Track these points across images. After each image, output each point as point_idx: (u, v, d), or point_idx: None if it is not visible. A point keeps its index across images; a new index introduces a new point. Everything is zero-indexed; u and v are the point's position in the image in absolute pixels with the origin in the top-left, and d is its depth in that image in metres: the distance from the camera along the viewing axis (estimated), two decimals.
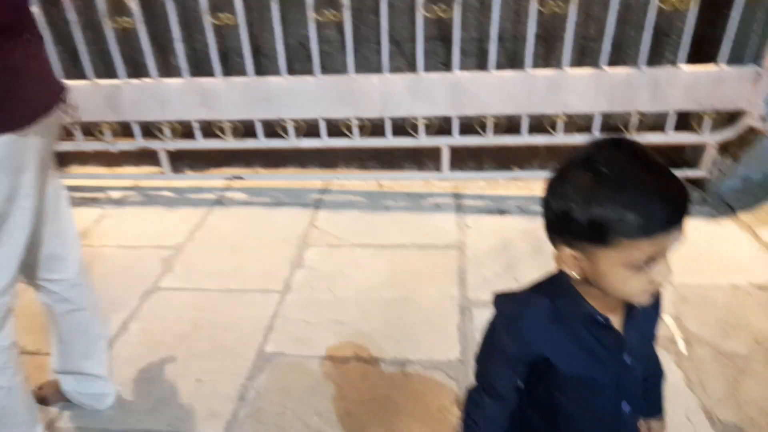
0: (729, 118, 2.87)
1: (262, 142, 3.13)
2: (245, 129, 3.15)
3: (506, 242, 2.73)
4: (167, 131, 3.18)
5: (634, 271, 0.80)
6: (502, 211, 3.06)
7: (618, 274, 0.82)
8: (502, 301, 0.98)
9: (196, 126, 3.12)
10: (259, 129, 3.09)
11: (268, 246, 2.85)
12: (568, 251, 0.85)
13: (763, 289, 2.37)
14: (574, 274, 0.87)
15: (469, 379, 1.82)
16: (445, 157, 3.13)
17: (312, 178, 3.42)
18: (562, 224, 0.83)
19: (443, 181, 3.37)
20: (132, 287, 2.58)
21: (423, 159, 3.45)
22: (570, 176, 0.82)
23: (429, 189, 3.33)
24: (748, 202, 2.94)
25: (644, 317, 0.96)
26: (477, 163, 3.43)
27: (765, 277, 2.44)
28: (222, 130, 3.13)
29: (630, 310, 0.93)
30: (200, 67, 3.07)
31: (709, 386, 1.93)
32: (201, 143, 3.17)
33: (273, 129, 3.11)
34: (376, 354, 2.16)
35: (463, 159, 3.39)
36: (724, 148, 2.97)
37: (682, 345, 2.10)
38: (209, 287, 2.57)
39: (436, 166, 3.28)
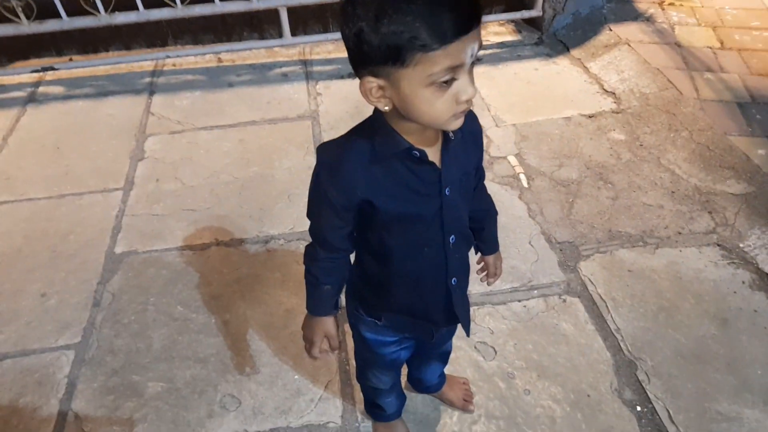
0: None
1: (66, 23, 2.68)
2: (42, 8, 2.66)
3: (360, 105, 2.67)
4: None
5: (437, 90, 0.78)
6: (352, 74, 2.96)
7: (423, 95, 0.79)
8: (322, 150, 0.93)
9: None
10: (60, 6, 2.63)
11: (100, 142, 2.56)
12: (372, 81, 0.80)
13: (592, 118, 2.56)
14: (382, 106, 0.83)
15: None
16: (285, 21, 2.90)
17: (140, 60, 3.04)
18: (359, 50, 0.78)
19: (288, 48, 3.17)
20: None
21: (263, 26, 3.18)
22: None
23: (274, 58, 3.12)
24: (578, 37, 3.09)
25: (463, 150, 0.96)
26: (322, 25, 3.24)
27: (593, 108, 2.63)
28: (13, 12, 2.62)
29: (446, 143, 0.92)
30: None
31: (547, 212, 2.11)
32: None
33: (78, 5, 2.66)
34: (237, 235, 2.10)
35: (307, 21, 3.18)
36: None
37: (523, 179, 2.25)
38: (37, 196, 2.29)
39: (279, 33, 3.05)
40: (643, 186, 2.20)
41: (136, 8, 2.70)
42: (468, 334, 1.18)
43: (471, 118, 0.99)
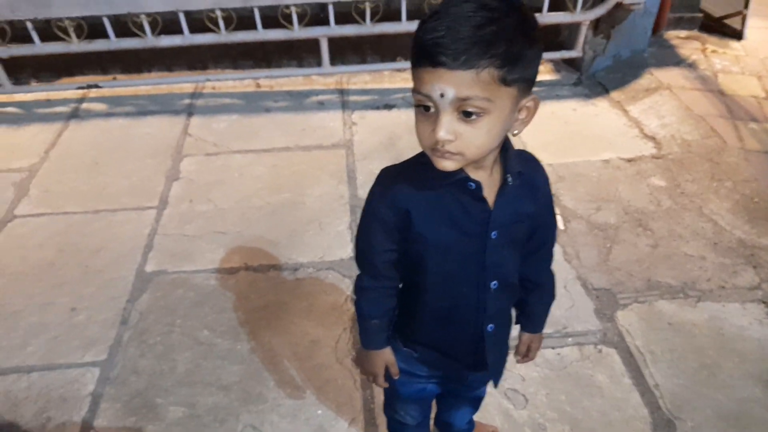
0: None
1: (113, 43, 2.75)
2: (92, 29, 2.74)
3: (394, 137, 2.67)
4: None
5: (418, 113, 0.80)
6: (388, 106, 2.97)
7: (416, 116, 0.81)
8: (383, 171, 0.95)
9: (30, 27, 2.67)
10: (109, 27, 2.70)
11: (137, 160, 2.60)
12: None
13: (631, 162, 2.51)
14: None
15: None
16: (324, 50, 2.93)
17: (180, 82, 3.10)
18: None
19: (325, 77, 3.20)
20: None
21: (302, 54, 3.23)
22: None
23: (311, 86, 3.15)
24: (618, 80, 3.06)
25: (519, 197, 0.93)
26: (359, 56, 3.27)
27: (632, 151, 2.58)
28: (64, 31, 2.71)
29: (503, 187, 0.91)
30: None
31: (584, 257, 2.06)
32: (40, 47, 2.74)
33: (126, 27, 2.73)
34: (266, 261, 2.09)
35: (345, 51, 3.21)
36: (598, 28, 3.02)
37: (560, 221, 2.21)
38: (73, 210, 2.32)
39: (317, 61, 3.08)
40: (684, 235, 2.13)
41: (181, 32, 2.76)
42: (496, 386, 1.14)
43: (533, 167, 0.98)
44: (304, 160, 2.59)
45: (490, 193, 0.91)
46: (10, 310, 1.91)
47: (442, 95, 0.75)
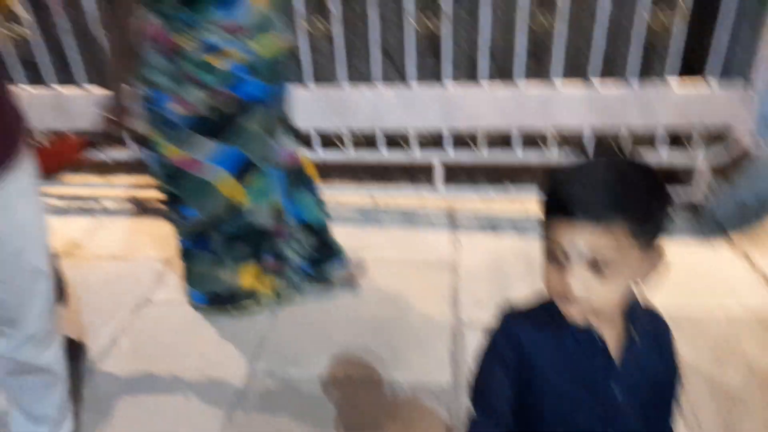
0: (722, 138, 2.86)
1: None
2: None
3: (499, 261, 2.70)
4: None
5: (552, 263, 0.84)
6: (495, 229, 3.03)
7: (544, 263, 0.86)
8: (506, 312, 1.00)
9: None
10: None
11: None
12: None
13: (757, 315, 2.35)
14: None
15: (460, 404, 1.78)
16: (438, 174, 3.10)
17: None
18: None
19: (437, 198, 3.34)
20: (123, 300, 2.54)
21: (416, 174, 3.42)
22: None
23: (422, 205, 3.30)
24: (742, 225, 2.93)
25: (647, 356, 0.94)
26: (470, 179, 3.41)
27: (757, 302, 2.42)
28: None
29: (631, 345, 0.92)
30: None
31: (705, 423, 1.90)
32: None
33: None
34: (364, 374, 2.14)
35: (457, 174, 3.36)
36: (717, 170, 2.96)
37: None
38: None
39: (430, 181, 3.25)
40: None
41: (311, 147, 3.06)
42: None
43: (658, 322, 1.00)
44: (411, 275, 2.67)
45: (614, 348, 0.92)
46: (133, 397, 2.07)
47: (576, 249, 0.81)
